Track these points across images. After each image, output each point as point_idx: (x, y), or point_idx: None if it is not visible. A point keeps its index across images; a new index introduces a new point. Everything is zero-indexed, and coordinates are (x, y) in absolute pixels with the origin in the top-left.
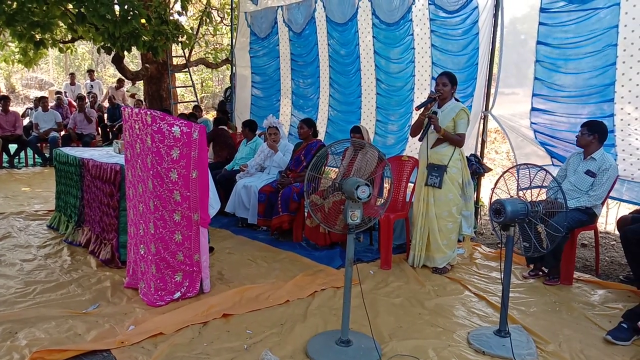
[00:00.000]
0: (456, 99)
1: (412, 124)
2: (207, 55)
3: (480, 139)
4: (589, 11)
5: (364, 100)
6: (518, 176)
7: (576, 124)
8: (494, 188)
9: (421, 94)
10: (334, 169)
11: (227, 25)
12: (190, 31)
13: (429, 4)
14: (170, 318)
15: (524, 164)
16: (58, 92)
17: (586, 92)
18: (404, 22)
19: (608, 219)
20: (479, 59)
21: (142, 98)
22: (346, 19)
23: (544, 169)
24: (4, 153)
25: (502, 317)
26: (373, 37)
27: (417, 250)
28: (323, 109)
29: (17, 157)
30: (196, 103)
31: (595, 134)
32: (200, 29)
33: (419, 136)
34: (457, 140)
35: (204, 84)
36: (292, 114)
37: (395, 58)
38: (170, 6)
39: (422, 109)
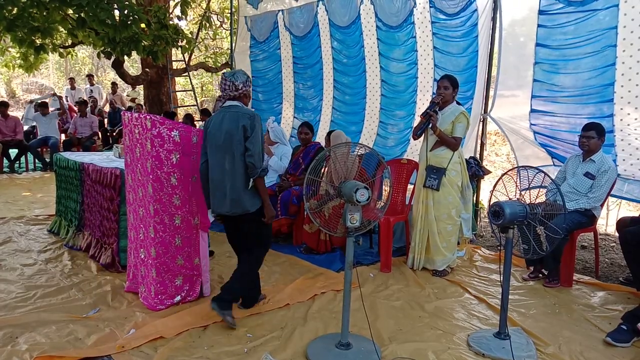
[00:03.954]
0: (457, 102)
1: (414, 126)
2: (207, 60)
3: (479, 142)
4: (587, 12)
5: (368, 102)
6: (518, 178)
7: (576, 124)
8: (492, 190)
9: (424, 96)
10: None
11: (227, 30)
12: (190, 35)
13: (430, 6)
14: (170, 322)
15: (523, 166)
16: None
17: (586, 93)
18: (406, 25)
19: (608, 221)
20: (478, 61)
21: (142, 102)
22: (348, 22)
23: (543, 171)
24: (4, 158)
25: (501, 319)
26: (377, 39)
27: (416, 253)
28: (326, 111)
29: (18, 162)
30: (204, 107)
31: (602, 136)
32: (200, 33)
33: (417, 133)
34: (451, 143)
35: (204, 88)
36: (294, 117)
37: (399, 60)
38: (170, 11)
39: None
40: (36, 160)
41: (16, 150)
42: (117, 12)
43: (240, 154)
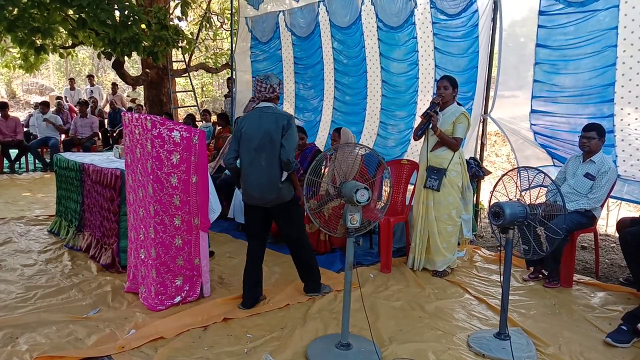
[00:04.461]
0: (458, 103)
1: (414, 126)
2: (207, 60)
3: (479, 142)
4: (587, 13)
5: (369, 102)
6: (519, 179)
7: (576, 124)
8: (492, 191)
9: (424, 97)
10: None
11: (227, 30)
12: (190, 36)
13: (431, 7)
14: (170, 322)
15: (523, 167)
16: (59, 98)
17: (586, 93)
18: (407, 26)
19: (608, 221)
20: (479, 61)
21: (142, 103)
22: (349, 22)
23: (543, 172)
24: (4, 158)
25: (502, 320)
26: (378, 39)
27: (417, 253)
28: (327, 111)
29: (18, 163)
30: (205, 107)
31: (603, 137)
32: (200, 34)
33: (418, 133)
34: (452, 143)
35: (204, 89)
36: (295, 117)
37: (399, 60)
38: (170, 11)
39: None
40: (36, 161)
41: (16, 151)
42: (117, 13)
43: (278, 152)
